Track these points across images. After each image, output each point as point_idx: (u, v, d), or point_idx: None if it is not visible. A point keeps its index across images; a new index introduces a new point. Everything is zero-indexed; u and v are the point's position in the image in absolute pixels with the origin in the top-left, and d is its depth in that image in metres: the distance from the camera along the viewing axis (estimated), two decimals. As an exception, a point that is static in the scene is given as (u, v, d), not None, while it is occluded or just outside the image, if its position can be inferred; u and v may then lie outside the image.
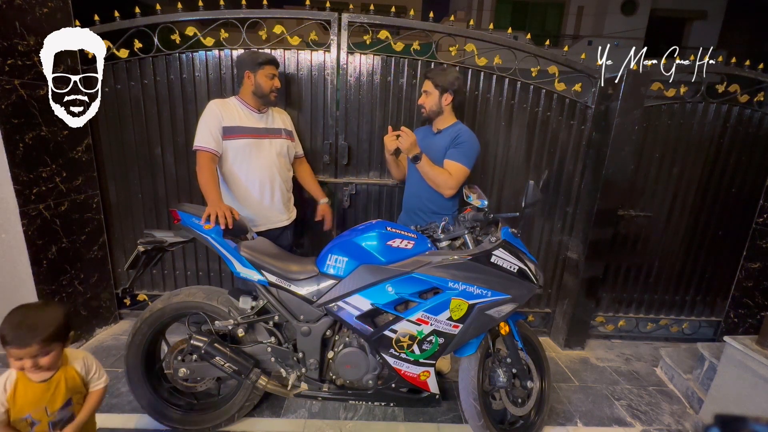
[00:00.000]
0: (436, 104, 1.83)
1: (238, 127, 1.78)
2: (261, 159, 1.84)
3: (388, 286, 1.40)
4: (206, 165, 1.70)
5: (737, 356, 1.70)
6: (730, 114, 2.34)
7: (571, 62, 2.21)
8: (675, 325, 2.66)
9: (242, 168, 1.82)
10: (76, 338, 2.19)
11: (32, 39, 1.84)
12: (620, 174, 2.23)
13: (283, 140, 1.92)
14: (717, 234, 2.51)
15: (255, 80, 1.80)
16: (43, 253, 1.95)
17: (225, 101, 1.83)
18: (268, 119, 1.90)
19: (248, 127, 1.81)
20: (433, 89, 1.81)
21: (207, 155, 1.72)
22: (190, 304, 1.57)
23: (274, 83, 1.82)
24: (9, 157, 1.75)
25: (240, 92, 1.86)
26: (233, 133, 1.77)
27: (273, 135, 1.89)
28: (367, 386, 1.56)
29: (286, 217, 1.99)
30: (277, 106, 2.01)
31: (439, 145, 1.84)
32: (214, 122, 1.74)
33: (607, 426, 1.85)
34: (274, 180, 1.88)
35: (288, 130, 1.98)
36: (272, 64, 1.81)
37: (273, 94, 1.83)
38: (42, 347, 1.02)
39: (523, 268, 1.47)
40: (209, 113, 1.75)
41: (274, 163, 1.88)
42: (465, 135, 1.80)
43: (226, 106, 1.80)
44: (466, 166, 1.76)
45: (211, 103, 1.79)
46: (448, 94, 1.82)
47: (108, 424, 1.66)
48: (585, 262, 2.34)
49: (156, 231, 1.56)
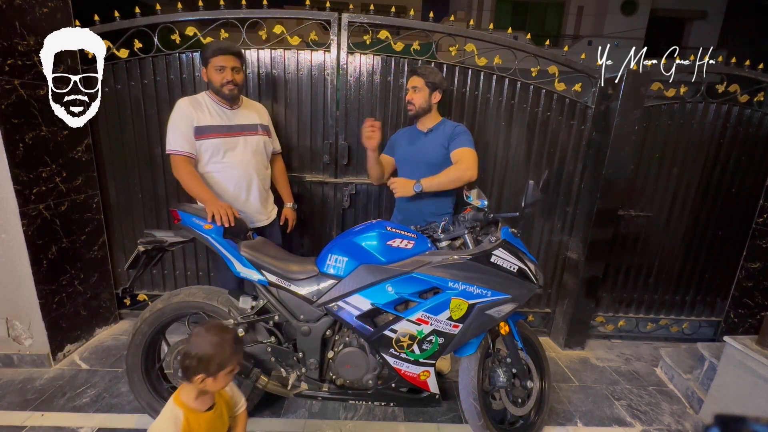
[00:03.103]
0: (426, 101, 1.83)
1: (210, 126, 1.70)
2: (236, 158, 1.76)
3: (388, 285, 1.40)
4: (184, 168, 1.65)
5: (737, 356, 1.70)
6: (730, 114, 2.34)
7: (571, 62, 2.21)
8: (675, 325, 2.66)
9: (216, 168, 1.74)
10: (75, 338, 2.19)
11: (32, 39, 1.84)
12: (620, 174, 2.23)
13: (259, 137, 1.83)
14: (717, 234, 2.51)
15: (207, 75, 1.70)
16: (43, 253, 1.95)
17: (195, 98, 1.73)
18: (241, 115, 1.79)
19: (220, 125, 1.72)
20: (423, 86, 1.81)
21: (182, 158, 1.66)
22: (190, 304, 1.57)
23: (225, 76, 1.66)
24: (9, 157, 1.75)
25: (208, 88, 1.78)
26: (205, 133, 1.69)
27: (248, 132, 1.80)
28: (367, 386, 1.56)
29: (265, 216, 1.92)
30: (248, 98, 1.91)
31: (432, 144, 1.84)
32: (184, 123, 1.66)
33: (607, 426, 1.85)
34: (250, 179, 1.80)
35: (264, 124, 1.88)
36: (220, 54, 1.65)
37: (226, 88, 1.68)
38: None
39: (523, 268, 1.47)
40: (179, 114, 1.67)
41: (250, 162, 1.80)
42: (461, 127, 1.84)
43: (196, 104, 1.71)
44: (472, 148, 1.79)
45: (179, 102, 1.70)
46: (437, 92, 1.83)
47: (108, 424, 1.67)
48: (585, 262, 2.34)
49: (156, 231, 1.56)
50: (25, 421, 1.67)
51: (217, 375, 1.04)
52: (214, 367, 1.03)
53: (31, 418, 1.68)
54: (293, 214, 2.13)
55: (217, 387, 1.07)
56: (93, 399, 1.81)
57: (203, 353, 1.02)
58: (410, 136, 1.95)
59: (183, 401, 1.07)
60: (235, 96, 1.75)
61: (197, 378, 1.02)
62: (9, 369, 2.00)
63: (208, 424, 1.09)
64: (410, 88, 1.84)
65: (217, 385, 1.07)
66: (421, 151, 1.86)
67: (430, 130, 1.88)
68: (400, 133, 2.05)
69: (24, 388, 1.86)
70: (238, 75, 1.71)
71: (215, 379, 1.04)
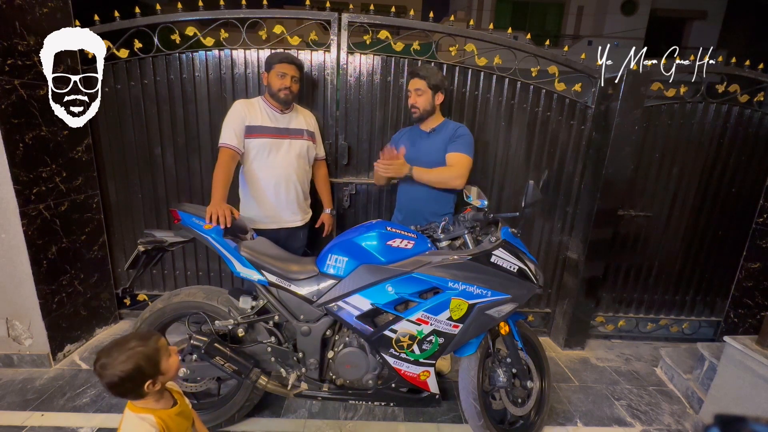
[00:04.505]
0: (430, 103, 1.83)
1: (260, 126, 1.82)
2: (279, 159, 1.86)
3: (388, 285, 1.40)
4: (224, 161, 1.75)
5: (737, 356, 1.70)
6: (730, 114, 2.34)
7: (571, 62, 2.21)
8: (675, 325, 2.66)
9: (260, 166, 1.85)
10: (75, 338, 2.19)
11: (32, 39, 1.84)
12: (620, 174, 2.23)
13: (303, 141, 1.93)
14: (717, 234, 2.51)
15: (268, 79, 1.84)
16: (43, 253, 1.95)
17: (250, 101, 1.87)
18: (290, 119, 1.91)
19: (269, 126, 1.84)
20: (426, 88, 1.81)
21: (228, 152, 1.76)
22: (190, 304, 1.57)
23: (284, 82, 1.81)
24: (9, 157, 1.75)
25: (265, 92, 1.91)
26: (254, 132, 1.81)
27: (294, 135, 1.91)
28: (367, 386, 1.56)
29: (300, 218, 1.99)
30: (300, 106, 2.03)
31: (436, 144, 1.84)
32: (237, 121, 1.78)
33: (607, 426, 1.85)
34: (289, 180, 1.89)
35: (310, 131, 1.98)
36: (284, 62, 1.81)
37: (283, 92, 1.82)
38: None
39: (523, 268, 1.47)
40: (233, 112, 1.80)
41: (292, 164, 1.89)
42: (463, 129, 1.84)
43: (250, 105, 1.84)
44: (469, 155, 1.80)
45: (236, 102, 1.84)
46: (440, 93, 1.83)
47: (108, 424, 1.67)
48: (585, 262, 2.34)
49: (156, 231, 1.56)
50: (25, 421, 1.67)
51: (160, 368, 0.99)
52: (150, 368, 0.96)
53: (31, 418, 1.68)
54: (331, 220, 2.22)
55: (171, 375, 1.02)
56: (93, 399, 1.81)
57: (130, 369, 0.93)
58: (413, 136, 1.95)
59: (146, 408, 1.01)
60: (289, 101, 1.88)
61: (147, 386, 0.97)
62: (9, 369, 2.00)
63: (181, 418, 1.07)
64: (412, 90, 1.84)
65: (170, 374, 1.02)
66: (424, 152, 1.86)
67: (434, 130, 1.88)
68: (402, 133, 2.05)
69: (24, 388, 1.86)
70: (295, 84, 1.85)
71: (163, 373, 1.00)
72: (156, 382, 0.99)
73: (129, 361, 0.94)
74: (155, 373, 0.98)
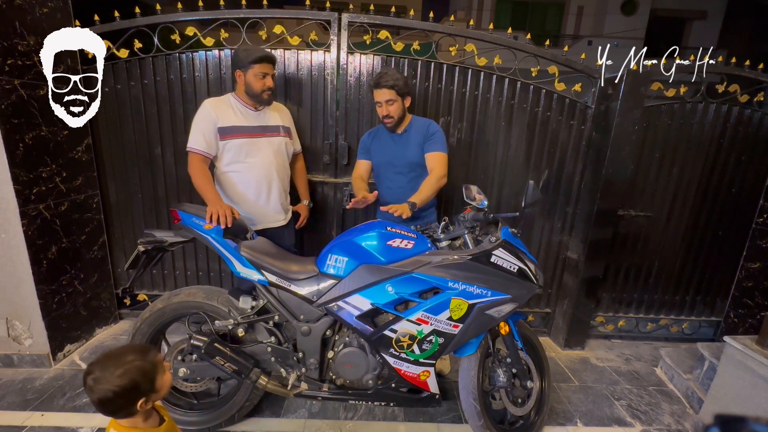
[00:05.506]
0: (402, 110, 1.84)
1: (234, 126, 1.75)
2: (258, 158, 1.80)
3: (388, 285, 1.40)
4: (198, 167, 1.70)
5: (737, 356, 1.70)
6: (730, 114, 2.34)
7: (571, 62, 2.21)
8: (675, 325, 2.66)
9: (239, 168, 1.79)
10: (75, 338, 2.19)
11: (32, 39, 1.84)
12: (620, 174, 2.23)
13: (281, 138, 1.88)
14: (717, 234, 2.51)
15: (245, 79, 1.73)
16: (43, 253, 1.95)
17: (220, 100, 1.79)
18: (265, 116, 1.85)
19: (244, 126, 1.77)
20: (396, 96, 1.77)
21: (198, 157, 1.71)
22: (190, 304, 1.57)
23: (266, 82, 1.73)
24: (9, 157, 1.75)
25: (235, 90, 1.82)
26: (229, 133, 1.74)
27: (270, 133, 1.85)
28: (367, 386, 1.56)
29: (283, 216, 1.96)
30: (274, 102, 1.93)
31: (409, 144, 1.86)
32: (206, 123, 1.71)
33: (607, 426, 1.85)
34: (271, 179, 1.85)
35: (286, 126, 1.93)
36: (265, 62, 1.72)
37: (266, 94, 1.75)
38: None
39: (523, 268, 1.47)
40: (202, 114, 1.72)
41: (272, 163, 1.84)
42: (434, 125, 1.87)
43: (220, 105, 1.76)
44: (445, 152, 1.84)
45: (205, 102, 1.75)
46: (408, 97, 1.84)
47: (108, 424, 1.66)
48: (585, 262, 2.34)
49: (156, 231, 1.56)
50: (25, 421, 1.67)
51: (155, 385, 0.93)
52: (145, 385, 0.91)
53: (31, 418, 1.68)
54: (306, 212, 2.16)
55: (164, 393, 0.97)
56: (93, 399, 1.81)
57: (125, 384, 0.88)
58: (385, 139, 1.92)
59: (134, 427, 0.95)
60: (272, 100, 1.83)
61: (140, 404, 0.91)
62: (9, 369, 2.00)
63: None
64: (383, 102, 1.77)
65: (163, 392, 0.97)
66: (401, 153, 1.86)
67: (405, 130, 1.89)
68: (370, 136, 1.98)
69: (24, 388, 1.86)
70: (273, 81, 1.78)
71: (157, 391, 0.94)
72: (149, 401, 0.93)
73: (125, 376, 0.87)
74: (150, 390, 0.92)
